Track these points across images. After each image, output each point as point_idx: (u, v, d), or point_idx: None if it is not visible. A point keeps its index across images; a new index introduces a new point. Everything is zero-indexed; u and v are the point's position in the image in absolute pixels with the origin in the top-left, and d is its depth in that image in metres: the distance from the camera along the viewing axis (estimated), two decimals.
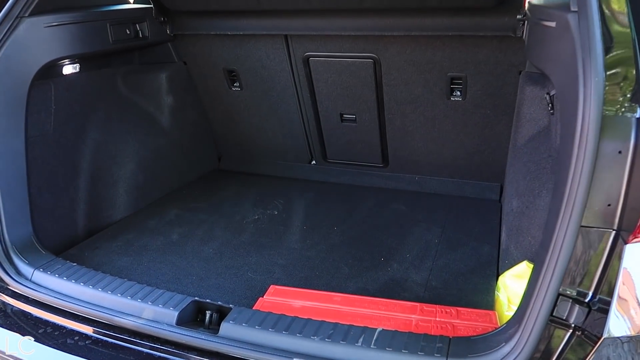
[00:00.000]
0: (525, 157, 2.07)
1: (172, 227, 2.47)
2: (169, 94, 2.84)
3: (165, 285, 1.97)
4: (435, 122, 2.66)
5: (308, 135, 3.01)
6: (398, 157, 2.89)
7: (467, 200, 2.73)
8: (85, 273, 1.88)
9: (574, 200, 1.22)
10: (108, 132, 2.59)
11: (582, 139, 1.21)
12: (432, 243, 2.28)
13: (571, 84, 1.29)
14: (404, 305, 1.72)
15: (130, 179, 2.62)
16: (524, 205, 1.86)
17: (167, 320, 1.62)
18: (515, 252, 1.86)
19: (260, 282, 1.99)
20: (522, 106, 2.19)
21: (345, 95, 2.72)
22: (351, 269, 2.08)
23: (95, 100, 2.56)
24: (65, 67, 2.38)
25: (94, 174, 2.51)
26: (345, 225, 2.48)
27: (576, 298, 1.25)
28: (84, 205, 2.48)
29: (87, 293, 1.77)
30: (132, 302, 1.70)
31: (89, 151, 2.51)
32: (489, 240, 2.28)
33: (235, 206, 2.71)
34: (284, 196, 2.82)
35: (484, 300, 1.84)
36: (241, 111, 3.04)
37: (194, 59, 2.90)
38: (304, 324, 1.56)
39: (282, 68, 2.73)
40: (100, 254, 2.23)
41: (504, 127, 2.55)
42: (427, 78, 2.50)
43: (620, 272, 1.17)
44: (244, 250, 2.25)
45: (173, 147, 2.91)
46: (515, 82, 2.37)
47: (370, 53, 2.51)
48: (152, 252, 2.24)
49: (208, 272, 2.08)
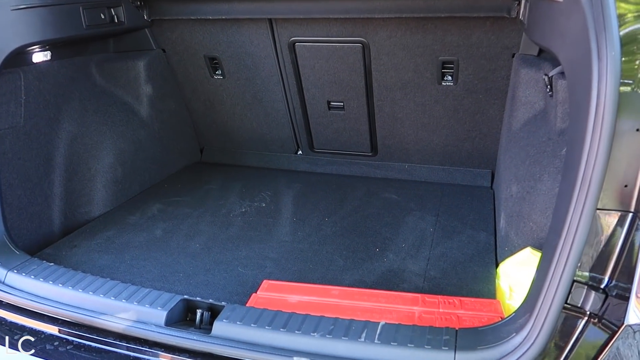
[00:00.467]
0: (522, 141, 2.02)
1: (155, 223, 2.35)
2: (147, 83, 2.70)
3: (150, 284, 1.86)
4: (426, 108, 2.59)
5: (294, 124, 2.91)
6: (387, 146, 2.81)
7: (458, 188, 2.68)
8: (63, 273, 1.76)
9: (590, 182, 1.15)
10: (83, 123, 2.44)
11: (598, 117, 1.14)
12: (427, 232, 2.21)
13: (583, 61, 1.23)
14: (405, 296, 1.65)
15: (108, 173, 2.48)
16: (525, 190, 1.80)
17: (155, 321, 1.52)
18: (515, 239, 1.81)
19: (252, 277, 1.90)
20: (517, 89, 2.14)
21: (333, 82, 2.62)
22: (346, 260, 2.00)
23: (69, 90, 2.41)
24: (36, 54, 2.23)
25: (69, 168, 2.37)
26: (336, 215, 2.39)
27: (592, 284, 1.20)
28: (59, 201, 2.34)
29: (67, 294, 1.65)
30: (116, 302, 1.59)
31: (63, 144, 2.37)
32: (484, 227, 2.23)
33: (220, 199, 2.60)
34: (271, 187, 2.72)
35: (485, 289, 1.78)
36: (224, 100, 2.92)
37: (173, 46, 2.76)
38: (302, 320, 1.47)
39: (266, 54, 2.62)
40: (79, 252, 2.10)
41: (496, 112, 2.50)
42: (417, 62, 2.42)
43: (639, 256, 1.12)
44: (233, 244, 2.15)
45: (153, 139, 2.77)
46: (508, 65, 2.32)
47: (359, 37, 2.42)
48: (134, 249, 2.12)
49: (196, 269, 1.97)
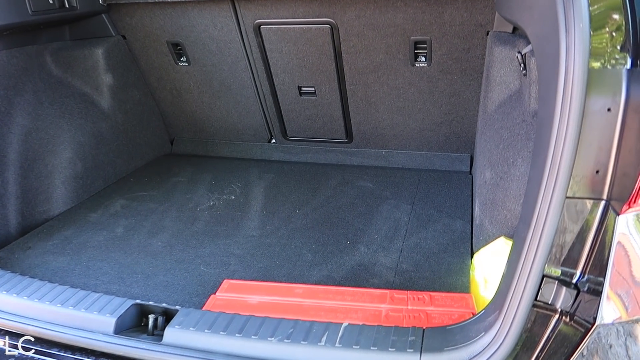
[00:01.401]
0: (497, 123, 1.91)
1: (117, 220, 2.23)
2: (107, 72, 2.56)
3: (105, 287, 1.75)
4: (400, 92, 2.48)
5: (265, 112, 2.79)
6: (362, 131, 2.70)
7: (437, 173, 2.58)
8: (10, 279, 1.64)
9: (558, 167, 1.05)
10: (38, 117, 2.31)
11: (566, 96, 1.04)
12: (402, 221, 2.11)
13: (550, 36, 1.12)
14: (373, 293, 1.55)
15: (67, 169, 2.36)
16: (498, 176, 1.71)
17: (103, 329, 1.41)
18: (490, 228, 1.71)
19: (214, 277, 1.79)
20: (492, 69, 2.03)
21: (303, 66, 2.50)
22: (315, 255, 1.90)
23: (21, 81, 2.27)
24: None
25: (24, 164, 2.24)
26: (308, 207, 2.29)
27: (562, 279, 1.10)
28: (15, 200, 2.21)
29: (10, 302, 1.53)
30: (62, 310, 1.48)
31: (17, 139, 2.23)
32: (460, 215, 2.13)
33: (188, 192, 2.48)
34: (241, 179, 2.61)
35: (458, 282, 1.69)
36: (191, 88, 2.79)
37: (133, 32, 2.61)
38: (260, 323, 1.37)
39: (231, 38, 2.49)
40: (33, 254, 1.98)
41: (472, 94, 2.39)
42: (389, 43, 2.30)
43: (613, 248, 1.02)
44: (197, 241, 2.04)
45: (116, 132, 2.64)
46: (483, 43, 2.20)
47: (326, 18, 2.29)
48: (92, 249, 2.00)
49: (155, 269, 1.86)
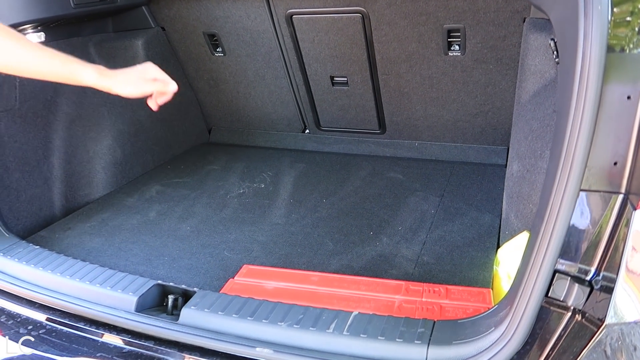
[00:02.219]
0: (528, 114, 1.83)
1: (151, 205, 2.32)
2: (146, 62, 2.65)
3: (133, 268, 1.83)
4: (433, 82, 2.42)
5: (299, 102, 2.80)
6: (395, 122, 2.67)
7: (471, 166, 2.51)
8: (46, 257, 1.75)
9: (572, 158, 1.00)
10: (81, 105, 2.43)
11: (582, 83, 0.98)
12: (428, 214, 2.08)
13: (570, 20, 1.06)
14: (388, 284, 1.54)
15: (107, 155, 2.47)
16: (525, 168, 1.64)
17: (125, 307, 1.48)
18: (515, 222, 1.65)
19: (236, 262, 1.83)
20: (527, 57, 1.94)
21: (335, 56, 2.49)
22: (336, 244, 1.91)
23: None
24: (29, 35, 2.21)
25: (68, 150, 2.37)
26: (335, 197, 2.29)
27: (576, 276, 1.05)
28: (59, 184, 2.35)
29: (45, 278, 1.63)
30: (90, 287, 1.56)
31: (61, 126, 2.36)
32: (490, 208, 2.07)
33: (220, 180, 2.54)
34: (273, 168, 2.64)
35: (480, 276, 1.65)
36: (227, 79, 2.85)
37: (172, 23, 2.69)
38: (271, 308, 1.39)
39: (264, 29, 2.51)
40: (72, 235, 2.10)
41: (509, 84, 2.30)
42: (421, 32, 2.25)
43: (628, 245, 0.96)
44: (223, 227, 2.09)
45: (155, 120, 2.73)
46: (520, 31, 2.11)
47: (357, 7, 2.27)
48: (125, 231, 2.10)
49: (181, 252, 1.92)
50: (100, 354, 1.40)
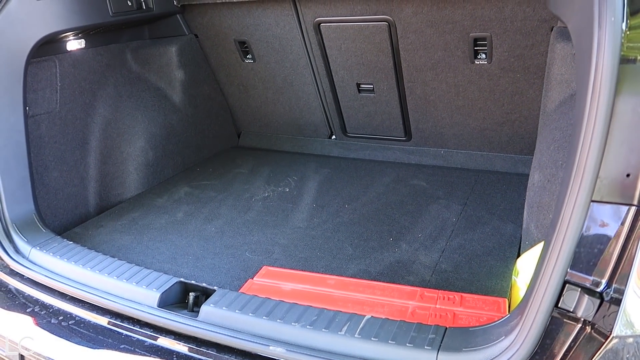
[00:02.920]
0: (552, 124, 1.82)
1: (179, 205, 2.41)
2: (179, 68, 2.76)
3: (159, 265, 1.91)
4: (460, 90, 2.42)
5: (325, 108, 2.85)
6: (421, 130, 2.67)
7: (497, 175, 2.49)
8: (79, 252, 1.84)
9: (584, 168, 1.00)
10: (117, 109, 2.54)
11: (595, 93, 0.99)
12: (449, 222, 2.07)
13: (586, 30, 1.06)
14: (403, 290, 1.56)
15: (140, 157, 2.57)
16: (546, 178, 1.62)
17: (148, 302, 1.55)
18: (535, 232, 1.64)
19: (257, 263, 1.88)
20: (553, 66, 1.92)
21: (361, 63, 2.52)
22: (355, 249, 1.93)
23: (103, 76, 2.52)
24: (70, 42, 2.34)
25: (103, 151, 2.48)
26: (357, 202, 2.31)
27: (586, 287, 1.05)
28: (94, 183, 2.46)
29: (76, 272, 1.73)
30: (117, 282, 1.64)
31: (98, 129, 2.48)
32: (513, 218, 2.05)
33: (246, 183, 2.61)
34: (298, 173, 2.69)
35: (497, 286, 1.64)
36: (256, 84, 2.92)
37: (205, 31, 2.79)
38: (287, 309, 1.43)
39: (293, 36, 2.57)
40: (104, 232, 2.20)
41: (536, 93, 2.28)
42: (447, 40, 2.26)
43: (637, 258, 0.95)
44: (247, 229, 2.15)
45: (186, 124, 2.83)
46: (547, 40, 2.09)
47: (384, 15, 2.29)
48: (154, 230, 2.18)
49: (205, 252, 1.99)
50: (123, 346, 1.47)
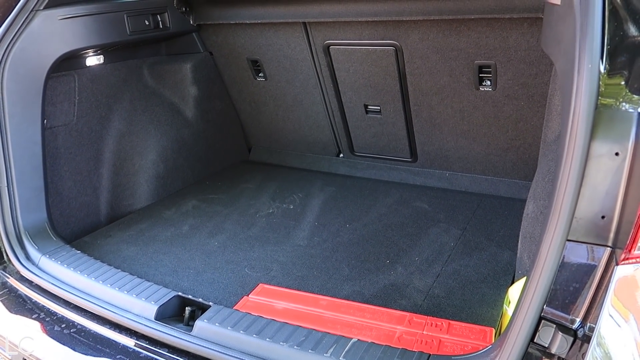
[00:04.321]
0: (550, 154, 1.83)
1: (185, 218, 2.47)
2: (193, 84, 2.84)
3: (160, 278, 1.97)
4: (464, 115, 2.45)
5: (334, 127, 2.90)
6: (427, 152, 2.70)
7: (499, 200, 2.50)
8: (85, 261, 1.92)
9: (560, 209, 1.03)
10: (131, 122, 2.63)
11: (572, 137, 1.02)
12: (447, 246, 2.10)
13: (569, 73, 1.10)
14: (392, 314, 1.59)
15: (151, 169, 2.66)
16: (539, 210, 1.64)
17: (146, 315, 1.61)
18: (527, 262, 1.65)
19: (255, 279, 1.93)
20: (553, 97, 1.94)
21: (369, 86, 2.57)
22: (352, 270, 1.97)
23: (120, 91, 2.61)
24: (89, 58, 2.44)
25: (116, 163, 2.57)
26: (358, 222, 2.35)
27: (562, 324, 1.07)
28: (106, 193, 2.55)
29: (82, 282, 1.80)
30: (118, 293, 1.71)
31: (112, 141, 2.57)
32: (512, 245, 2.06)
33: (252, 199, 2.67)
34: (304, 190, 2.74)
35: (488, 314, 1.66)
36: (267, 102, 2.99)
37: (219, 49, 2.88)
38: (277, 328, 1.48)
39: (303, 57, 2.64)
40: (112, 242, 2.27)
41: (540, 121, 2.29)
42: (452, 66, 2.30)
43: (607, 299, 0.97)
44: (248, 244, 2.20)
45: (197, 138, 2.91)
46: (551, 70, 2.11)
47: (391, 40, 2.35)
48: (159, 242, 2.25)
49: (206, 266, 2.05)
50: (120, 356, 1.53)
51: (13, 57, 2.01)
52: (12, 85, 2.02)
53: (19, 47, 2.03)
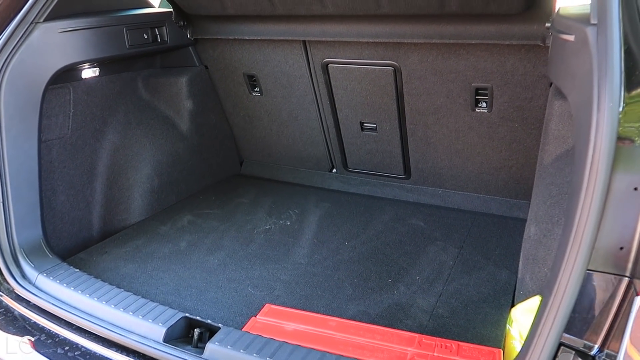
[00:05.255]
0: (548, 178, 1.90)
1: (182, 234, 2.45)
2: (188, 98, 2.83)
3: (162, 297, 1.95)
4: (460, 134, 2.51)
5: (328, 143, 2.92)
6: (420, 169, 2.75)
7: (492, 218, 2.56)
8: (85, 280, 1.88)
9: (581, 240, 1.08)
10: (126, 135, 2.60)
11: (593, 171, 1.06)
12: (446, 265, 2.14)
13: (586, 107, 1.15)
14: (402, 335, 1.61)
15: (145, 183, 2.62)
16: (542, 233, 1.70)
17: (154, 337, 1.59)
18: (530, 283, 1.71)
19: (259, 299, 1.93)
20: (550, 122, 2.02)
21: (366, 104, 2.61)
22: (355, 289, 1.98)
23: (115, 103, 2.58)
24: (85, 71, 2.40)
25: (110, 177, 2.53)
26: (357, 240, 2.38)
27: (580, 350, 1.11)
28: (99, 208, 2.51)
29: (83, 302, 1.76)
30: (123, 314, 1.68)
31: (106, 154, 2.53)
32: (508, 264, 2.12)
33: (248, 214, 2.66)
34: (299, 205, 2.75)
35: (492, 334, 1.70)
36: (262, 116, 2.99)
37: (215, 63, 2.87)
38: (290, 351, 1.48)
39: (301, 74, 2.66)
40: (108, 259, 2.23)
41: (533, 142, 2.37)
42: (450, 88, 2.36)
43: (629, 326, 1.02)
44: (249, 262, 2.20)
45: (192, 152, 2.89)
46: (546, 94, 2.19)
47: (390, 60, 2.39)
48: (158, 260, 2.22)
49: (208, 285, 2.03)
50: None
51: (11, 70, 1.97)
52: (10, 98, 1.98)
53: (17, 60, 1.99)
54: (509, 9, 1.90)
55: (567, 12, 1.58)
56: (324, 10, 2.21)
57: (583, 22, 1.24)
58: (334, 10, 2.19)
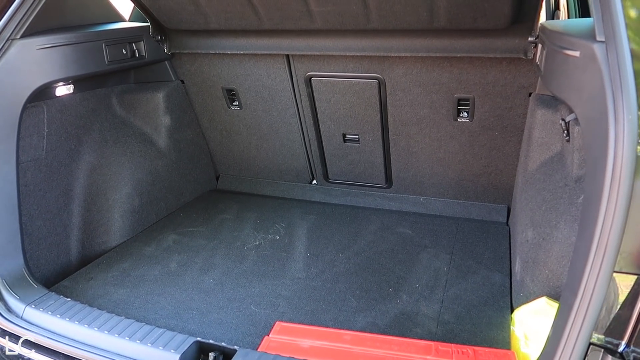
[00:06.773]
0: (538, 183, 2.00)
1: (170, 255, 2.37)
2: (166, 114, 2.75)
3: (164, 322, 1.87)
4: (441, 143, 2.59)
5: (309, 155, 2.93)
6: (402, 178, 2.81)
7: (474, 223, 2.66)
8: (80, 309, 1.78)
9: (606, 245, 1.14)
10: (103, 154, 2.49)
11: (615, 180, 1.13)
12: (442, 271, 2.20)
13: (599, 119, 1.22)
14: (418, 344, 1.64)
15: (125, 204, 2.52)
16: (540, 237, 1.79)
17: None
18: (531, 285, 1.79)
19: (265, 317, 1.90)
20: (533, 130, 2.13)
21: (349, 116, 2.64)
22: (359, 301, 2.00)
23: (89, 121, 2.47)
24: (59, 88, 2.29)
25: (88, 198, 2.42)
26: (350, 251, 2.39)
27: (609, 347, 1.18)
28: (77, 231, 2.38)
29: (82, 333, 1.67)
30: (130, 343, 1.60)
31: (83, 175, 2.42)
32: (499, 267, 2.21)
33: (235, 230, 2.62)
34: (285, 219, 2.74)
35: (499, 336, 1.76)
36: (240, 130, 2.96)
37: (192, 77, 2.81)
38: None
39: (283, 87, 2.66)
40: (96, 285, 2.12)
41: (512, 149, 2.49)
42: (433, 99, 2.43)
43: None
44: (246, 280, 2.16)
45: (170, 169, 2.81)
46: (525, 104, 2.31)
47: (374, 73, 2.44)
48: (149, 283, 2.14)
49: (209, 306, 1.98)
50: None
51: None
52: None
53: None
54: (496, 24, 2.00)
55: (560, 27, 1.68)
56: (312, 25, 2.23)
57: (587, 39, 1.33)
58: (323, 25, 2.21)
